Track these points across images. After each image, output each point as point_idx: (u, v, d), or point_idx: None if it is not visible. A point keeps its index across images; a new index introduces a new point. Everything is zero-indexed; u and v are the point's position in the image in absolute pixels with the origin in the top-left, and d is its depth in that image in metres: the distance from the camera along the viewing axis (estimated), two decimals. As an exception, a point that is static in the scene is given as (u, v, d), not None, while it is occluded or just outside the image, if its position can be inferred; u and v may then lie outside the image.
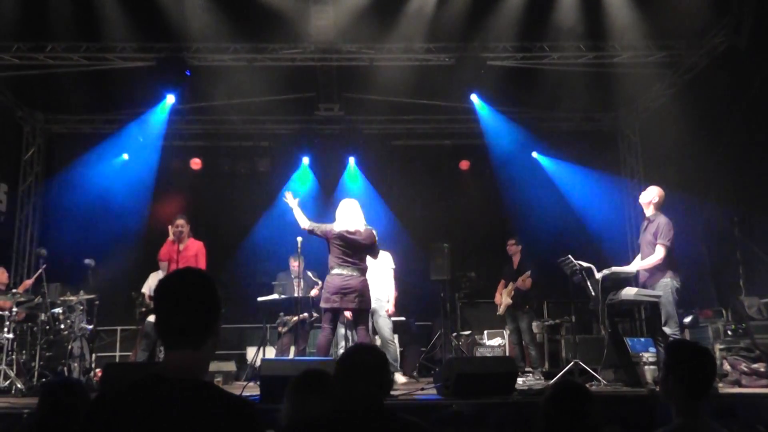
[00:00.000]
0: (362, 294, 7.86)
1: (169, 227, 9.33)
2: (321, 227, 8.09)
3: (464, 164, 14.14)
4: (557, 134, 13.53)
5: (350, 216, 8.05)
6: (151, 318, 10.10)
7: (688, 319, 9.32)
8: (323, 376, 3.46)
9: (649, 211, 8.22)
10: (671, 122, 11.76)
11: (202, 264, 9.06)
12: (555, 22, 10.56)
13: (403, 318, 11.53)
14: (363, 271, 7.98)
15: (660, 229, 7.96)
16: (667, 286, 7.77)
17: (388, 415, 2.93)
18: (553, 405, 3.26)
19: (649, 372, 8.42)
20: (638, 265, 8.18)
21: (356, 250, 7.93)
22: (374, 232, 8.15)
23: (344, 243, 7.89)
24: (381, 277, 10.01)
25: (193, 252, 9.32)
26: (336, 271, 7.86)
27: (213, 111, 13.55)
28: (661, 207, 8.16)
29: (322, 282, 8.32)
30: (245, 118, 13.69)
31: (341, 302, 7.80)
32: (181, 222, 9.33)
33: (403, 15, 10.54)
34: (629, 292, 8.20)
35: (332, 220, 8.24)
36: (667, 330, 7.64)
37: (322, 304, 7.94)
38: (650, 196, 8.22)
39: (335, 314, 7.98)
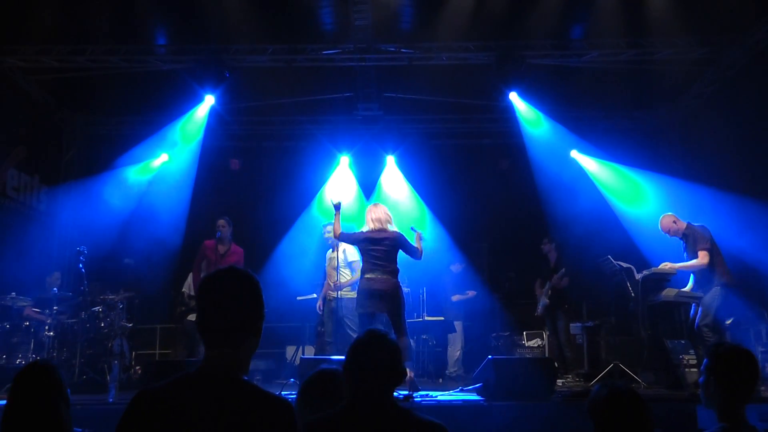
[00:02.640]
0: (393, 296, 7.87)
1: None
2: (351, 235, 8.21)
3: (503, 163, 14.05)
4: (597, 133, 13.38)
5: (376, 219, 8.08)
6: (191, 317, 10.24)
7: (729, 321, 9.18)
8: (335, 377, 3.40)
9: (678, 234, 8.18)
10: (713, 119, 11.59)
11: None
12: (594, 18, 10.47)
13: (441, 318, 11.53)
14: (394, 273, 7.98)
15: (696, 237, 7.90)
16: (716, 293, 7.69)
17: (399, 415, 2.86)
18: (607, 411, 3.09)
19: (691, 374, 8.30)
20: (679, 265, 8.09)
21: (385, 252, 7.95)
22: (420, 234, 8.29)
23: (371, 246, 7.95)
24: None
25: (232, 257, 9.42)
26: (366, 275, 7.94)
27: (252, 112, 13.67)
28: (683, 221, 8.11)
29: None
30: (284, 118, 13.78)
31: (374, 306, 7.85)
32: (222, 222, 9.47)
33: (442, 14, 10.53)
34: (670, 293, 8.13)
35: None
36: (702, 327, 7.56)
37: (357, 310, 8.05)
38: (667, 224, 8.19)
39: (370, 318, 8.01)
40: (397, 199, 13.50)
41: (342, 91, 12.79)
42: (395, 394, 2.95)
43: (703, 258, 7.81)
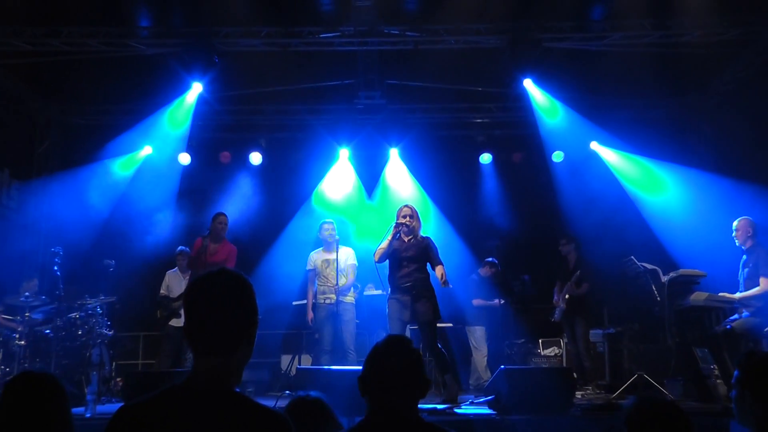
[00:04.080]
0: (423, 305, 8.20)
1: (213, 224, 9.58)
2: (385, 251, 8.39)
3: (517, 156, 14.04)
4: (619, 122, 13.33)
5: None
6: (174, 322, 10.25)
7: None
8: (314, 409, 3.33)
9: (746, 245, 8.14)
10: (747, 107, 11.54)
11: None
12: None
13: (450, 324, 11.51)
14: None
15: (760, 259, 7.88)
16: None
17: (425, 430, 2.85)
18: (648, 428, 2.92)
19: (723, 386, 8.28)
20: (739, 295, 8.07)
21: (410, 260, 8.30)
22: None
23: (398, 254, 8.30)
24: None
25: (223, 256, 9.46)
26: (394, 290, 8.34)
27: (243, 100, 13.64)
28: (756, 236, 8.08)
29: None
30: (278, 108, 13.76)
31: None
32: (224, 218, 9.62)
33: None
34: (699, 297, 8.10)
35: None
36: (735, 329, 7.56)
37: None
38: (743, 230, 8.14)
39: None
40: (402, 195, 13.47)
41: (341, 78, 12.77)
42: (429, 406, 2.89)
43: (764, 285, 7.81)
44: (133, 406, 2.33)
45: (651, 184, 12.92)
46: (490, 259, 12.02)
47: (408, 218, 8.34)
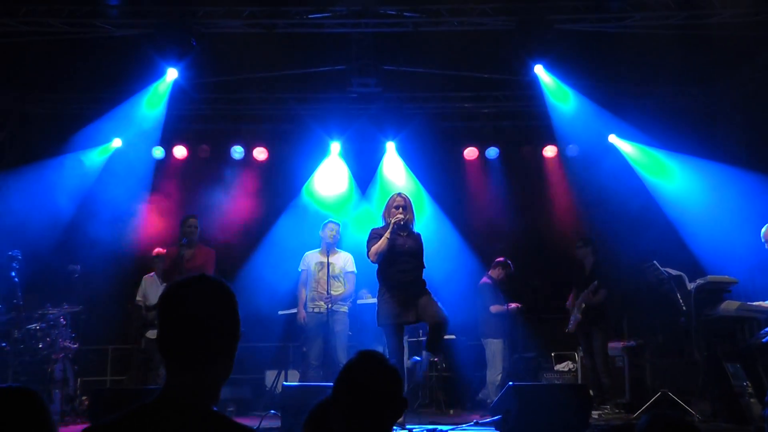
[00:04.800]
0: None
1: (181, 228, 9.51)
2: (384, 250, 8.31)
3: (526, 150, 14.03)
4: (640, 113, 13.32)
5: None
6: (150, 334, 10.19)
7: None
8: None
9: None
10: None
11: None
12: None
13: (452, 336, 11.49)
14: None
15: None
16: None
17: None
18: None
19: (756, 405, 8.26)
20: None
21: (409, 254, 8.28)
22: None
23: (392, 249, 8.22)
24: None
25: (200, 261, 9.42)
26: (390, 289, 8.25)
27: (224, 88, 13.61)
28: None
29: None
30: (263, 96, 13.73)
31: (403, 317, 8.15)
32: (194, 221, 9.53)
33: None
34: (730, 306, 8.09)
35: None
36: None
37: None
38: None
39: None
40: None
41: (333, 63, 12.72)
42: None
43: None
44: (99, 428, 2.29)
45: (675, 181, 12.92)
46: (501, 258, 11.89)
47: (402, 210, 8.29)
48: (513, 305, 11.30)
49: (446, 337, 10.72)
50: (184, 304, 2.40)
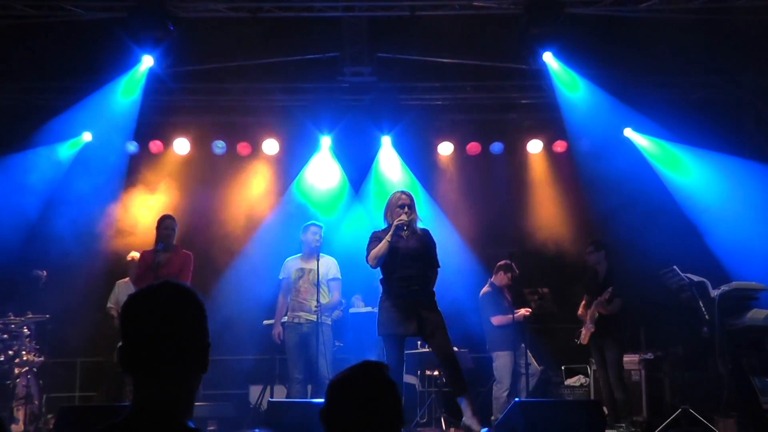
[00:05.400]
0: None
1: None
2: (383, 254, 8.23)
3: (534, 145, 14.01)
4: (658, 105, 13.32)
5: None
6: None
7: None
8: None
9: None
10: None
11: (186, 280, 9.10)
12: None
13: (455, 348, 11.44)
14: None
15: None
16: None
17: None
18: None
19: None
20: None
21: (414, 257, 8.18)
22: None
23: (394, 253, 8.15)
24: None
25: (177, 266, 9.37)
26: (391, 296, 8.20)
27: (204, 78, 13.58)
28: None
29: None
30: (247, 86, 13.70)
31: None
32: (170, 222, 9.48)
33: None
34: (758, 315, 8.07)
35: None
36: None
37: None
38: None
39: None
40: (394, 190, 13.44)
41: (323, 50, 12.75)
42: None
43: None
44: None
45: (697, 179, 12.93)
46: (502, 262, 11.76)
47: (407, 210, 8.19)
48: (520, 312, 11.19)
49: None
50: (145, 314, 2.42)
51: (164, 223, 9.55)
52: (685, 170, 13.10)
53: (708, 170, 12.79)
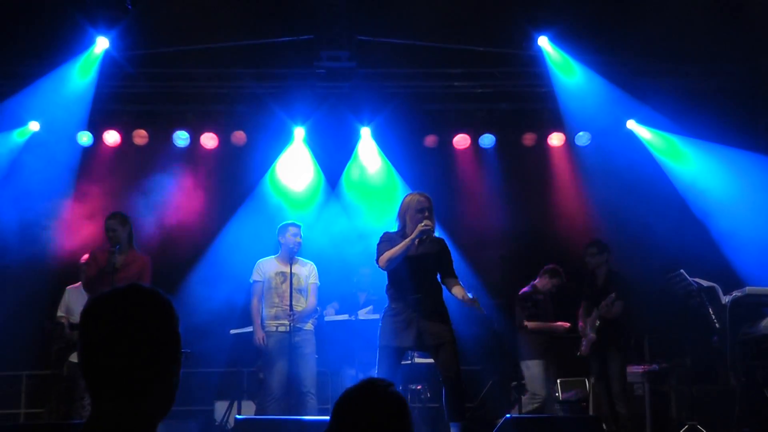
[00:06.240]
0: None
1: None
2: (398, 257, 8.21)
3: (528, 137, 14.04)
4: (665, 95, 13.36)
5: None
6: (74, 357, 10.07)
7: None
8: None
9: None
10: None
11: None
12: None
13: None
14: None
15: None
16: None
17: None
18: None
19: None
20: None
21: (422, 265, 8.15)
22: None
23: (405, 260, 8.12)
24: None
25: (134, 270, 9.29)
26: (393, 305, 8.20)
27: (165, 62, 13.50)
28: None
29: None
30: (213, 71, 13.66)
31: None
32: (112, 222, 9.33)
33: None
34: (774, 322, 8.08)
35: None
36: None
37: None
38: None
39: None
40: (375, 187, 13.60)
41: (296, 33, 12.70)
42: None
43: None
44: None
45: (707, 175, 12.97)
46: (550, 266, 11.61)
47: (428, 215, 8.13)
48: (559, 324, 11.20)
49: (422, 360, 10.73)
50: (110, 320, 2.37)
51: (107, 224, 9.38)
52: (693, 166, 13.14)
53: (719, 166, 12.85)
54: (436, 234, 8.47)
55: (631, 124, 13.63)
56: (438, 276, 8.27)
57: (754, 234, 11.28)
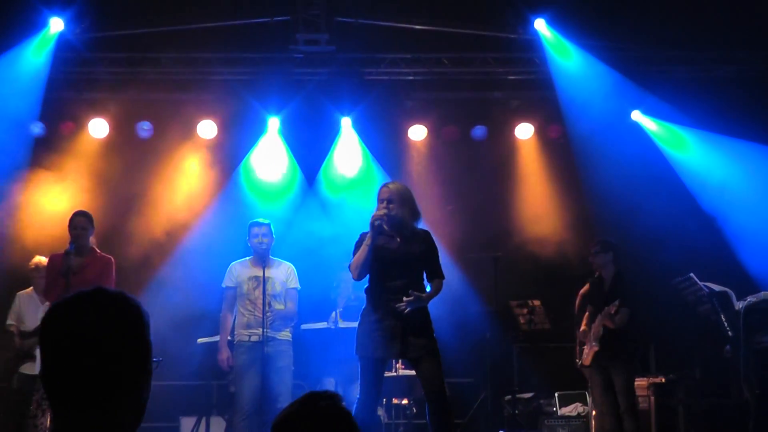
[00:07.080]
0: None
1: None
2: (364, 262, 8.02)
3: (523, 129, 14.06)
4: (673, 84, 13.41)
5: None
6: (27, 368, 10.05)
7: None
8: None
9: None
10: None
11: (107, 289, 9.01)
12: None
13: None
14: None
15: None
16: None
17: None
18: None
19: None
20: None
21: (402, 265, 7.98)
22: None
23: (381, 258, 7.96)
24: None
25: (94, 273, 9.27)
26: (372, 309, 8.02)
27: (126, 45, 13.48)
28: None
29: None
30: (180, 56, 13.62)
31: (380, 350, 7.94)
32: (82, 221, 9.33)
33: None
34: (791, 331, 8.12)
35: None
36: None
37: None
38: None
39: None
40: (356, 182, 13.66)
41: (271, 13, 12.69)
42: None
43: None
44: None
45: (718, 171, 13.01)
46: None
47: (386, 205, 7.93)
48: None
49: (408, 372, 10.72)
50: (74, 327, 2.34)
51: (74, 222, 9.40)
52: (704, 161, 13.18)
53: (731, 161, 12.89)
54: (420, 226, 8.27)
55: (636, 115, 13.67)
56: (424, 276, 8.11)
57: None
